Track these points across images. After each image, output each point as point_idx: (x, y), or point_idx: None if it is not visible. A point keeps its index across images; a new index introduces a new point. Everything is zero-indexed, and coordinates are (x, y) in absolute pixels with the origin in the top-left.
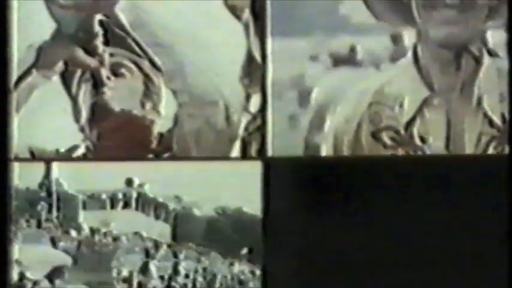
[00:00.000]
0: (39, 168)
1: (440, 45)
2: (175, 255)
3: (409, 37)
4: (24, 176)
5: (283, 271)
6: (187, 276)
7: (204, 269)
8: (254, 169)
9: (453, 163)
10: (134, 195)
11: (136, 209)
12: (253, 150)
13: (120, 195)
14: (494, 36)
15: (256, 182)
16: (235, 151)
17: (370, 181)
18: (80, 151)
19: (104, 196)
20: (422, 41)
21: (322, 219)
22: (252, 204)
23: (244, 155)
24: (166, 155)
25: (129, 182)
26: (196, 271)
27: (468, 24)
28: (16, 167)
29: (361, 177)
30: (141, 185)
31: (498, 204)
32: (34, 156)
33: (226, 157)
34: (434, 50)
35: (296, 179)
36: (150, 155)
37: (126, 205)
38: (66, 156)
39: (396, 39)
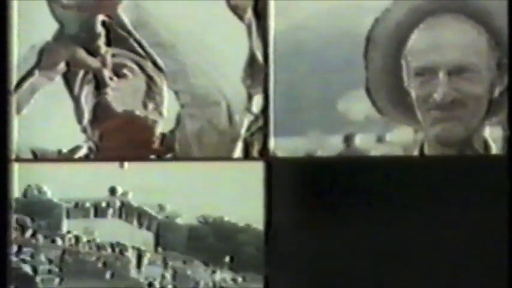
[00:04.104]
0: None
1: (441, 144)
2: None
3: (415, 135)
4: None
5: (285, 274)
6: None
7: (187, 277)
8: (256, 169)
9: (453, 163)
10: (118, 203)
11: (120, 217)
12: (255, 150)
13: (103, 204)
14: (492, 133)
15: (259, 182)
16: (238, 151)
17: (370, 181)
18: (82, 152)
19: (87, 204)
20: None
21: (324, 219)
22: (254, 204)
23: (247, 156)
24: (168, 155)
25: (112, 191)
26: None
27: (463, 122)
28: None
29: (362, 177)
30: (124, 194)
31: (498, 204)
32: (36, 156)
33: (228, 157)
34: (437, 148)
35: (298, 179)
36: (152, 156)
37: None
38: (68, 157)
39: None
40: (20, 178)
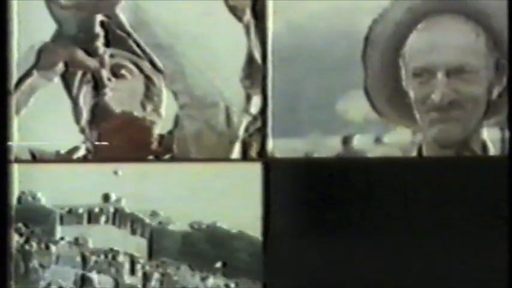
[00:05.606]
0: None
1: (439, 145)
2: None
3: (413, 136)
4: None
5: (283, 277)
6: None
7: (179, 283)
8: (254, 170)
9: (451, 164)
10: (111, 210)
11: (113, 223)
12: (253, 151)
13: (97, 210)
14: (490, 134)
15: (257, 183)
16: (236, 152)
17: (369, 183)
18: (81, 152)
19: (81, 211)
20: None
21: (322, 220)
22: (252, 205)
23: (245, 157)
24: (166, 156)
25: (105, 198)
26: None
27: (461, 123)
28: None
29: (361, 178)
30: (117, 200)
31: (498, 204)
32: (35, 157)
33: (226, 158)
34: (436, 149)
35: (296, 180)
36: (151, 157)
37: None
38: (67, 158)
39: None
40: (16, 180)
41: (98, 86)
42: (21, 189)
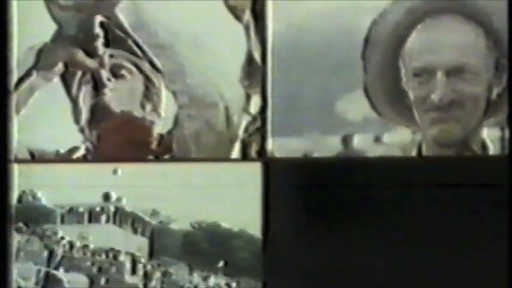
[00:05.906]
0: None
1: (439, 145)
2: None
3: (413, 136)
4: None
5: (283, 277)
6: None
7: (178, 282)
8: (254, 170)
9: (453, 163)
10: (112, 209)
11: (114, 223)
12: (253, 151)
13: (97, 209)
14: (490, 134)
15: (256, 183)
16: (235, 152)
17: (369, 182)
18: (80, 152)
19: (81, 210)
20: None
21: (321, 220)
22: (251, 205)
23: (245, 156)
24: (166, 156)
25: (106, 197)
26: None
27: (461, 122)
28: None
29: (360, 178)
30: (118, 199)
31: (498, 204)
32: (34, 157)
33: (226, 158)
34: (435, 149)
35: (296, 179)
36: (150, 156)
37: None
38: (66, 158)
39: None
40: (16, 179)
41: (97, 86)
42: (21, 189)
